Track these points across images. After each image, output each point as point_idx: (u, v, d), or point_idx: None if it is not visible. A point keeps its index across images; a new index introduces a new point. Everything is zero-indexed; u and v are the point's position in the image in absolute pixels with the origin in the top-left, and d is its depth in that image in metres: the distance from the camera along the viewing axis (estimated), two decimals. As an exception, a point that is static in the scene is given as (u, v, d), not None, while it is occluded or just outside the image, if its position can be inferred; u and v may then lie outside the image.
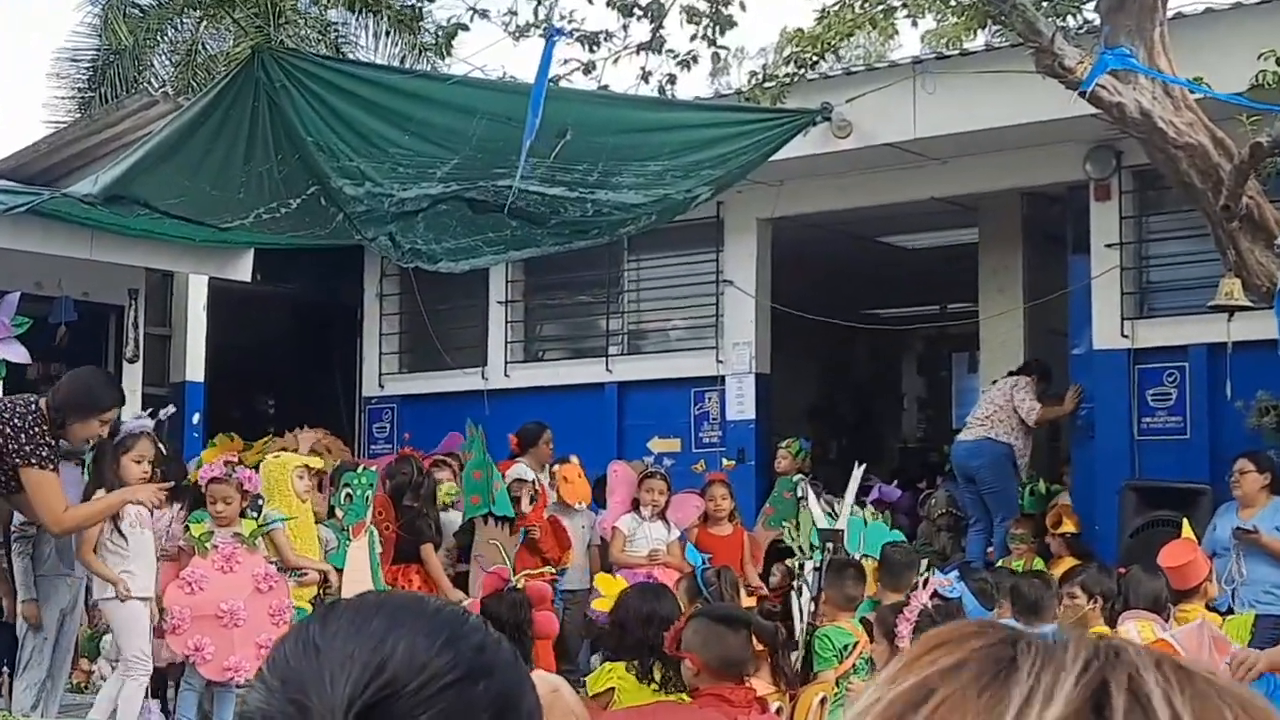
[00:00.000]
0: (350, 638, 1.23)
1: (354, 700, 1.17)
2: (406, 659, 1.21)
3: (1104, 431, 13.23)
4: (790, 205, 14.53)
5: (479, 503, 11.46)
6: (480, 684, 1.23)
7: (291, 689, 1.20)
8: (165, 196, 9.91)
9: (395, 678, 1.19)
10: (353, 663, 1.20)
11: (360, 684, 1.18)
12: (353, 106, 9.19)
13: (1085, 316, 13.41)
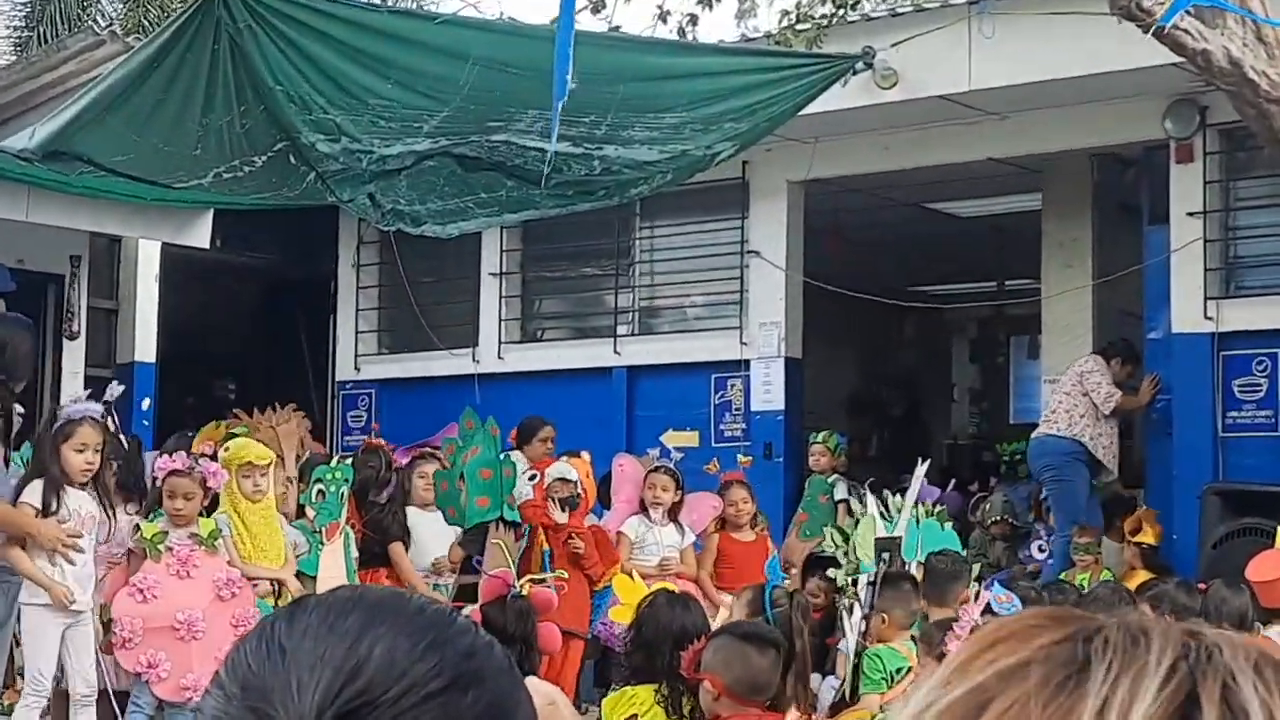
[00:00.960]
0: (320, 638, 1.21)
1: (324, 710, 1.15)
2: (385, 663, 1.19)
3: (1183, 427, 13.17)
4: (826, 166, 14.50)
5: (487, 506, 11.39)
6: (469, 693, 1.21)
7: (253, 696, 1.19)
8: (112, 152, 9.90)
9: (371, 684, 1.17)
10: (323, 666, 1.18)
11: (331, 691, 1.16)
12: (328, 50, 9.18)
13: (1163, 296, 13.36)
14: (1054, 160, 14.62)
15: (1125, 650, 0.68)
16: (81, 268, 15.44)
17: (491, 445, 12.08)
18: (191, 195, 11.60)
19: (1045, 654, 0.70)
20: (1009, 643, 0.71)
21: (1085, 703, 0.66)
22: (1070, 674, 0.68)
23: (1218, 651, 0.68)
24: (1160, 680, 0.66)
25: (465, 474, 11.67)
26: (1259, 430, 12.89)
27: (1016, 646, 0.71)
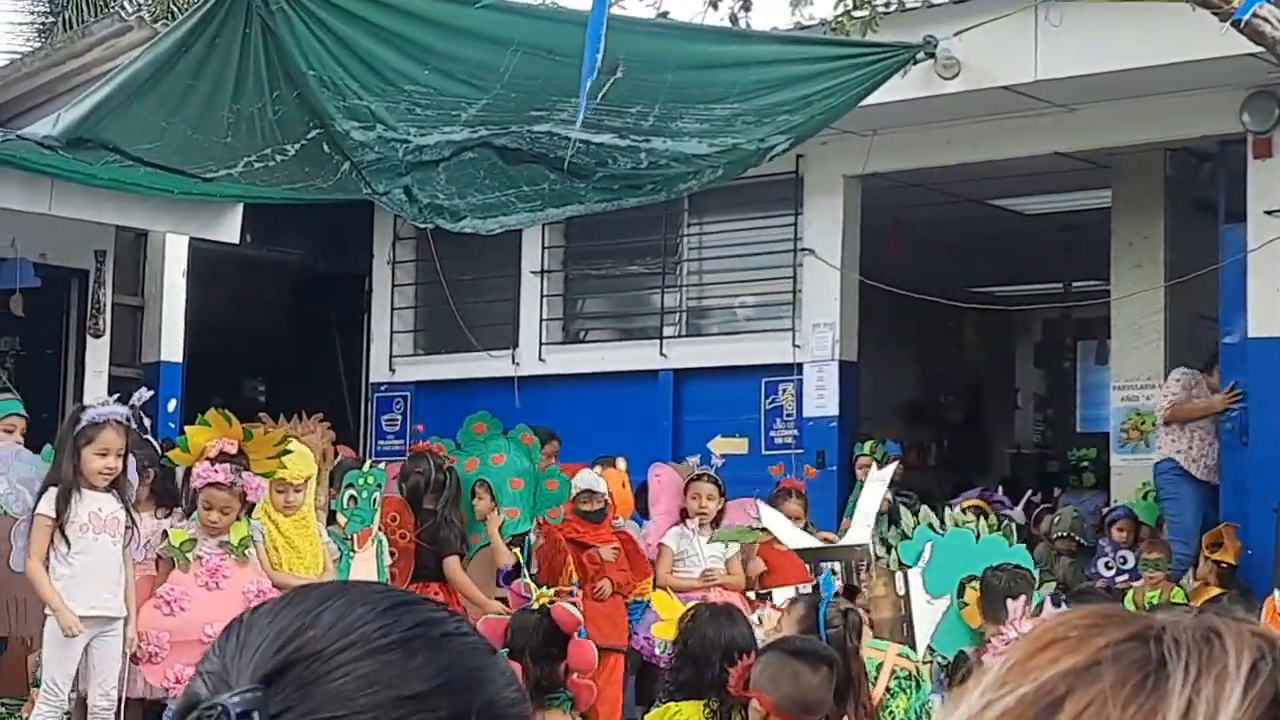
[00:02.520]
0: (279, 612, 1.26)
1: (261, 665, 1.19)
2: (331, 624, 1.23)
3: (1261, 437, 13.12)
4: (884, 160, 14.50)
5: (518, 517, 11.42)
6: (418, 656, 1.23)
7: (212, 664, 1.23)
8: (139, 140, 9.95)
9: (312, 640, 1.21)
10: (271, 629, 1.23)
11: (272, 648, 1.21)
12: (363, 34, 9.21)
13: (1240, 298, 13.31)
14: (1124, 155, 14.59)
15: (1200, 651, 0.68)
16: (106, 263, 15.53)
17: (523, 455, 12.07)
18: (220, 188, 11.65)
19: (1114, 654, 0.69)
20: (1068, 642, 0.71)
21: (1169, 703, 0.66)
22: (1147, 674, 0.68)
23: None
24: (1244, 683, 0.66)
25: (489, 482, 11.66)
26: (1341, 441, 12.85)
27: (1078, 645, 0.70)
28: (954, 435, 18.65)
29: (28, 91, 13.92)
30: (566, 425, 13.82)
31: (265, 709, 1.16)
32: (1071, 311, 18.97)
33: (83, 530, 8.45)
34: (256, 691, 1.17)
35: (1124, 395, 15.24)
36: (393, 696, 1.19)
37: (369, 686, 1.19)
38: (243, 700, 1.16)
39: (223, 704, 1.16)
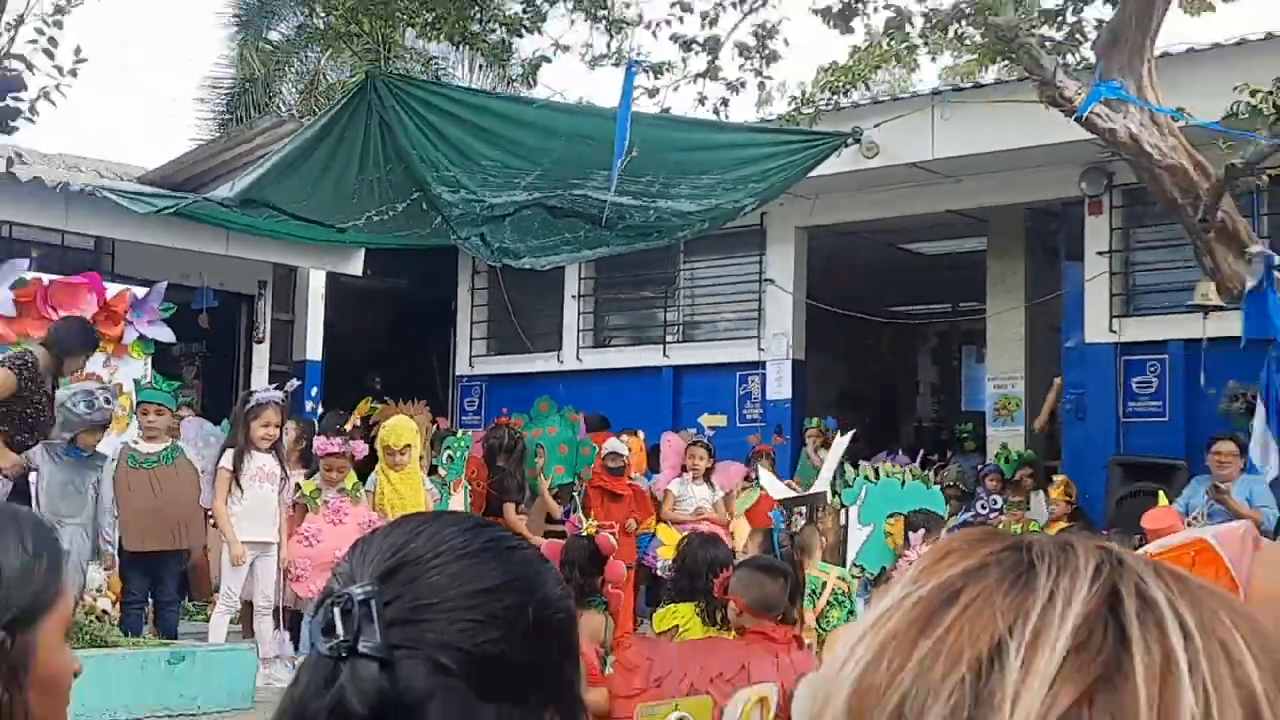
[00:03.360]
0: (395, 530, 1.28)
1: (377, 568, 1.21)
2: (429, 538, 1.24)
3: (1094, 414, 13.15)
4: (824, 215, 14.50)
5: (563, 473, 11.51)
6: (490, 563, 1.24)
7: (342, 570, 1.24)
8: (290, 201, 9.96)
9: (414, 549, 1.23)
10: (384, 544, 1.25)
11: (383, 555, 1.22)
12: (451, 125, 9.21)
13: (1078, 315, 13.33)
14: (996, 212, 14.56)
15: (1059, 556, 0.67)
16: (267, 289, 15.56)
17: (569, 428, 12.11)
18: (348, 236, 11.65)
19: (996, 559, 0.68)
20: (962, 550, 0.70)
21: (1036, 593, 0.65)
22: (1020, 573, 0.67)
23: (1127, 559, 0.67)
24: (1090, 577, 0.65)
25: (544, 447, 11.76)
26: (1150, 417, 12.87)
27: (970, 553, 0.69)
28: (873, 414, 18.56)
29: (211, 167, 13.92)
30: (595, 407, 13.85)
31: (380, 597, 1.16)
32: (957, 325, 18.95)
33: (250, 480, 8.49)
34: (374, 585, 1.17)
35: (995, 384, 15.25)
36: (471, 589, 1.20)
37: (454, 582, 1.20)
38: (364, 591, 1.16)
39: (349, 593, 1.17)
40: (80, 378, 8.92)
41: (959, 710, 0.62)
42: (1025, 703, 0.61)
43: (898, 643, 0.66)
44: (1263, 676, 0.62)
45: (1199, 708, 0.60)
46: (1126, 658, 0.62)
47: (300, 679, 1.19)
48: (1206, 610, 0.65)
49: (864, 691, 0.65)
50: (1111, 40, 8.41)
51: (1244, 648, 0.63)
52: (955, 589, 0.67)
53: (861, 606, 7.73)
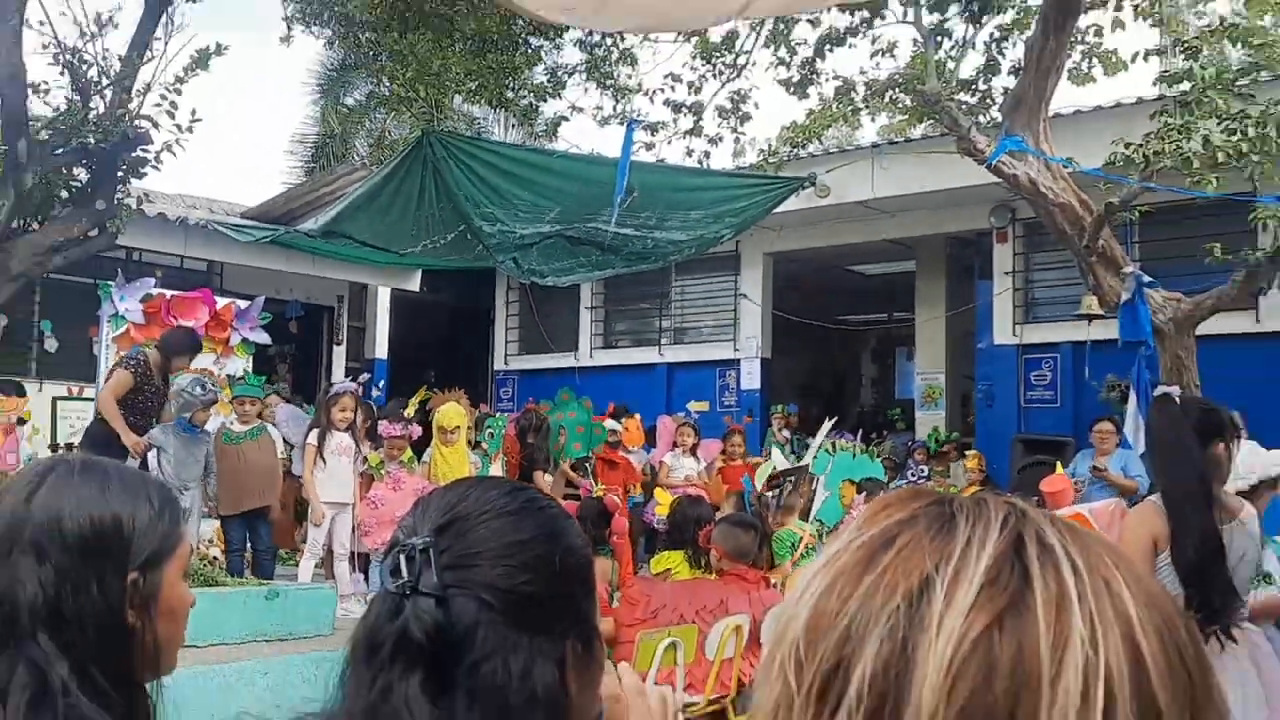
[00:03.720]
0: (448, 491, 1.29)
1: (434, 522, 1.22)
2: (476, 499, 1.26)
3: (1000, 401, 13.16)
4: (786, 243, 14.50)
5: (580, 449, 11.53)
6: (525, 519, 1.25)
7: (407, 523, 1.26)
8: (362, 232, 9.97)
9: (464, 507, 1.24)
10: (441, 502, 1.26)
11: (440, 512, 1.24)
12: (489, 172, 9.21)
13: (988, 322, 13.33)
14: (923, 241, 14.57)
15: (975, 510, 0.68)
16: (344, 302, 15.58)
17: (585, 413, 12.10)
18: (408, 260, 11.66)
19: (924, 511, 0.69)
20: (897, 505, 0.70)
21: (957, 539, 0.65)
22: (944, 523, 0.67)
23: (1029, 512, 0.68)
24: (1000, 525, 0.66)
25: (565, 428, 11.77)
26: (1045, 403, 12.88)
27: (903, 507, 0.70)
28: (825, 401, 18.54)
29: (299, 205, 13.93)
30: (605, 396, 13.81)
31: (436, 546, 1.18)
32: (891, 331, 18.95)
33: (331, 454, 8.49)
34: (431, 537, 1.19)
35: (922, 378, 15.26)
36: (510, 541, 1.21)
37: (496, 535, 1.21)
38: (423, 542, 1.18)
39: (412, 543, 1.18)
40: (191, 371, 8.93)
41: (895, 631, 0.63)
42: (948, 626, 0.61)
43: (846, 577, 0.67)
44: (1136, 604, 0.63)
45: (1085, 630, 0.61)
46: (1029, 591, 0.62)
47: (371, 611, 1.21)
48: (1093, 553, 0.65)
49: (819, 615, 0.66)
50: (1014, 104, 8.41)
51: (1122, 582, 0.64)
52: (892, 535, 0.68)
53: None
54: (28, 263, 6.63)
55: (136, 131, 6.88)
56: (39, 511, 1.47)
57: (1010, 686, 0.59)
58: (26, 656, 1.40)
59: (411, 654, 1.14)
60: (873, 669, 0.62)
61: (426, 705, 1.12)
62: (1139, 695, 0.60)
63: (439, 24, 8.47)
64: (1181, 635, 0.64)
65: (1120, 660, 0.60)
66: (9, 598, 1.42)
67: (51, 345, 12.45)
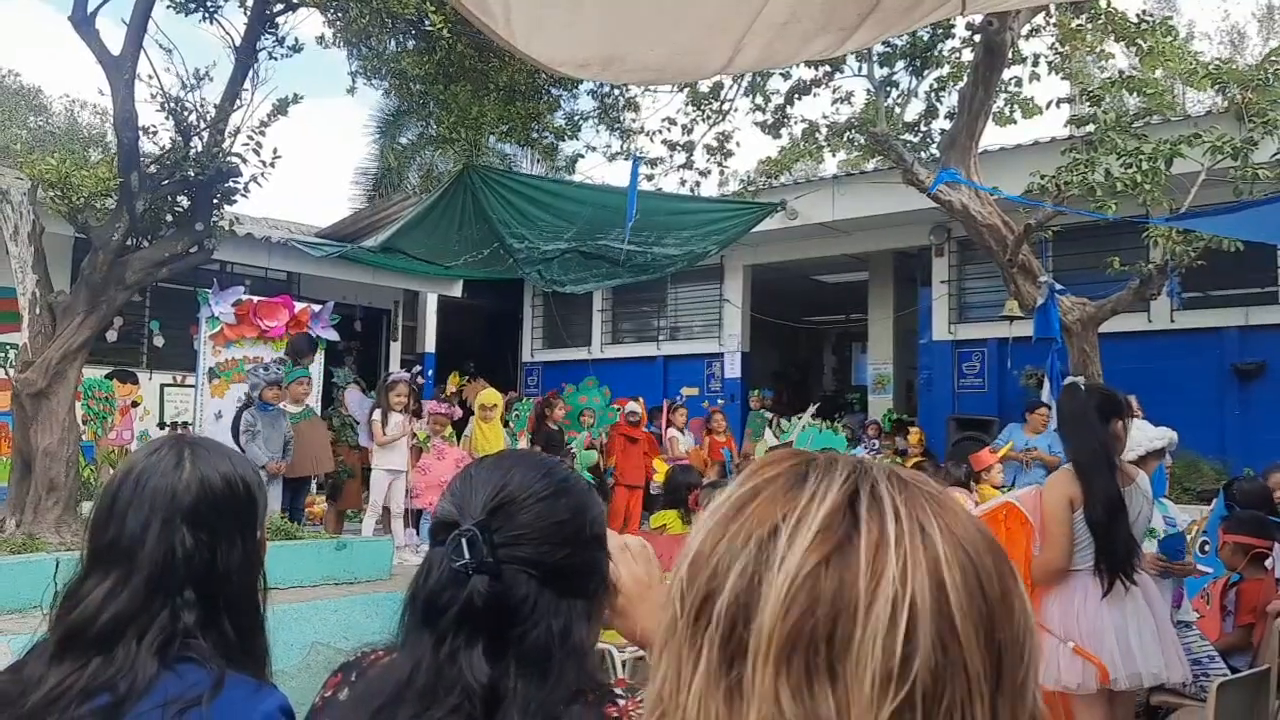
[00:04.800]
0: (491, 471, 1.25)
1: (487, 503, 1.19)
2: (519, 481, 1.22)
3: (937, 387, 13.13)
4: (762, 257, 14.48)
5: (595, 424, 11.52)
6: (561, 499, 1.23)
7: (455, 499, 1.22)
8: (414, 248, 9.98)
9: (511, 491, 1.21)
10: (487, 483, 1.22)
11: (491, 494, 1.20)
12: (518, 199, 9.22)
13: (928, 322, 13.31)
14: (874, 255, 14.54)
15: (827, 468, 0.69)
16: (399, 306, 15.55)
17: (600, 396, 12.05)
18: (452, 271, 11.67)
19: (787, 469, 0.70)
20: (770, 465, 0.71)
21: (804, 493, 0.67)
22: (798, 479, 0.68)
23: (872, 469, 0.69)
24: (841, 481, 0.67)
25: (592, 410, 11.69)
26: (975, 389, 12.85)
27: (774, 467, 0.71)
28: (794, 387, 18.53)
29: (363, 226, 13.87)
30: (614, 385, 13.83)
31: (489, 529, 1.17)
32: (848, 329, 18.90)
33: (391, 430, 8.47)
34: (483, 519, 1.18)
35: (874, 367, 15.24)
36: (550, 522, 1.20)
37: (539, 519, 1.20)
38: (476, 525, 1.16)
39: (468, 526, 1.17)
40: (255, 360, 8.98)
41: (748, 568, 0.65)
42: (787, 564, 0.63)
43: (718, 524, 0.69)
44: (945, 544, 0.64)
45: (896, 567, 0.62)
46: (855, 535, 0.64)
47: (429, 577, 1.18)
48: (917, 503, 0.66)
49: (699, 554, 0.68)
50: (950, 143, 8.39)
51: (936, 526, 0.65)
52: (757, 489, 0.69)
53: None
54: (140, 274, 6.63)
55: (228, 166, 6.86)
56: (190, 481, 1.45)
57: (830, 612, 0.62)
58: (172, 607, 1.40)
59: (474, 624, 1.14)
60: (729, 597, 0.64)
61: (487, 667, 1.12)
62: (939, 619, 0.61)
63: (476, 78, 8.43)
64: (988, 567, 0.65)
65: (925, 592, 0.62)
66: (169, 559, 1.41)
67: (159, 341, 12.46)
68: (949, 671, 0.61)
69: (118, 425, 10.76)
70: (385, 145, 20.37)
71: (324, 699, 1.29)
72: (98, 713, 1.31)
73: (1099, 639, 3.64)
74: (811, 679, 0.61)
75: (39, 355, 6.30)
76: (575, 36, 2.96)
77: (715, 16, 2.87)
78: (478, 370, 14.95)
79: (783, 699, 0.61)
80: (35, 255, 6.47)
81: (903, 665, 0.60)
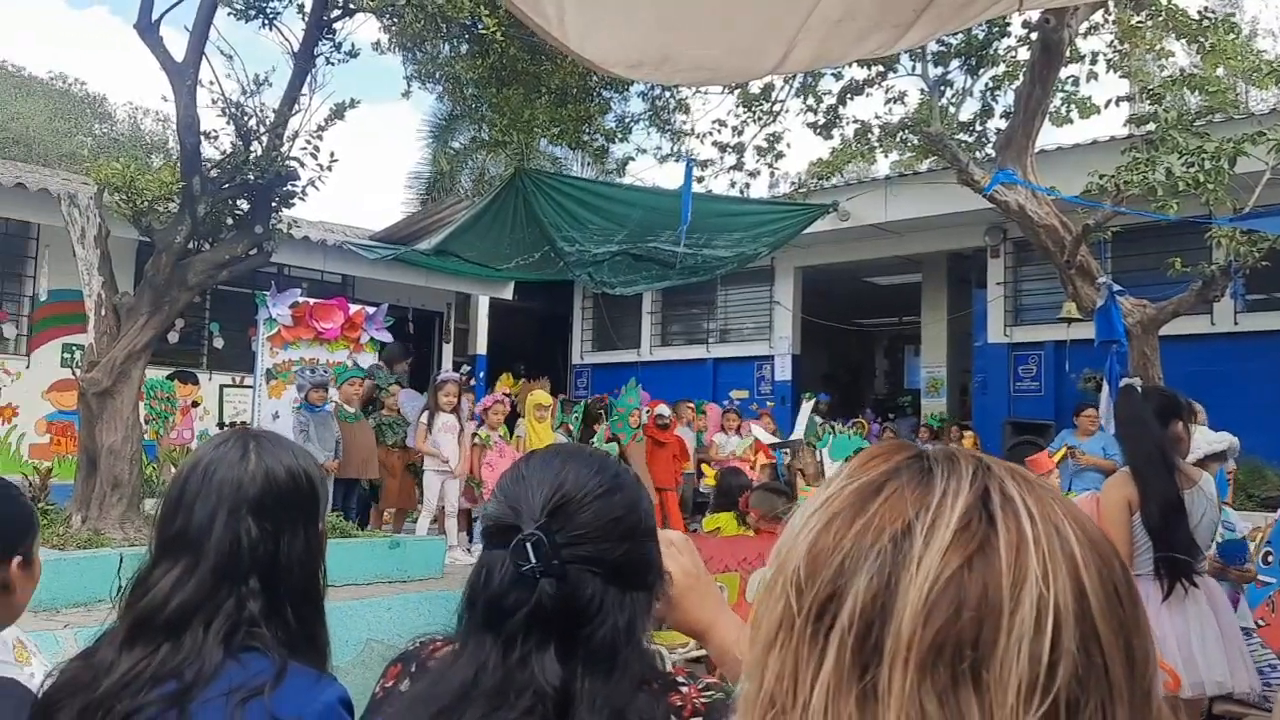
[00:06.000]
0: (543, 470, 1.23)
1: (546, 503, 1.18)
2: (575, 479, 1.21)
3: (992, 390, 12.96)
4: (813, 259, 14.40)
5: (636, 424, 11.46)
6: (615, 496, 1.22)
7: (509, 500, 1.21)
8: (466, 251, 10.04)
9: (569, 490, 1.19)
10: (544, 483, 1.20)
11: (548, 495, 1.19)
12: (569, 202, 9.24)
13: (983, 324, 13.15)
14: (928, 256, 14.39)
15: (949, 463, 0.67)
16: (451, 308, 15.68)
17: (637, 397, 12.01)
18: (503, 274, 11.72)
19: (906, 464, 0.68)
20: (881, 458, 0.69)
21: (934, 490, 0.65)
22: (924, 475, 0.66)
23: (994, 467, 0.67)
24: (970, 478, 0.65)
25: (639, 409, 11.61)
26: (1031, 393, 12.67)
27: (887, 460, 0.69)
28: (845, 391, 18.38)
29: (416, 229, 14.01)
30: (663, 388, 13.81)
31: (550, 532, 1.16)
32: (901, 331, 18.72)
33: (438, 430, 8.51)
34: (544, 522, 1.17)
35: (927, 371, 15.08)
36: (608, 520, 1.20)
37: (597, 518, 1.19)
38: (538, 529, 1.16)
39: (531, 530, 1.16)
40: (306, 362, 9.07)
41: (883, 567, 0.62)
42: (926, 564, 0.61)
43: (841, 518, 0.66)
44: (1080, 546, 0.62)
45: (1039, 569, 0.60)
46: (994, 535, 0.62)
47: (493, 578, 1.17)
48: (1045, 503, 0.65)
49: (818, 548, 0.65)
50: (1006, 142, 8.27)
51: (1069, 527, 0.63)
52: (880, 483, 0.67)
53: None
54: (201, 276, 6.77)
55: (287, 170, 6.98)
56: (256, 473, 1.48)
57: (976, 616, 0.59)
58: (237, 596, 1.42)
59: (544, 628, 1.13)
60: (864, 599, 0.62)
61: (559, 669, 1.12)
62: (1082, 624, 0.59)
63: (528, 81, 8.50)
64: (1117, 572, 0.63)
65: (1067, 595, 0.60)
66: (235, 548, 1.44)
67: (219, 343, 12.71)
68: (1092, 677, 0.59)
69: (179, 425, 10.99)
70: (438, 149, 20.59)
71: (384, 689, 1.30)
72: (165, 699, 1.34)
73: (1160, 646, 3.57)
74: (956, 685, 0.59)
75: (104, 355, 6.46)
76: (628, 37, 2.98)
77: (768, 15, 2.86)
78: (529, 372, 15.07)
79: (927, 706, 0.59)
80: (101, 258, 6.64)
81: (1049, 672, 0.58)
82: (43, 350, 11.27)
